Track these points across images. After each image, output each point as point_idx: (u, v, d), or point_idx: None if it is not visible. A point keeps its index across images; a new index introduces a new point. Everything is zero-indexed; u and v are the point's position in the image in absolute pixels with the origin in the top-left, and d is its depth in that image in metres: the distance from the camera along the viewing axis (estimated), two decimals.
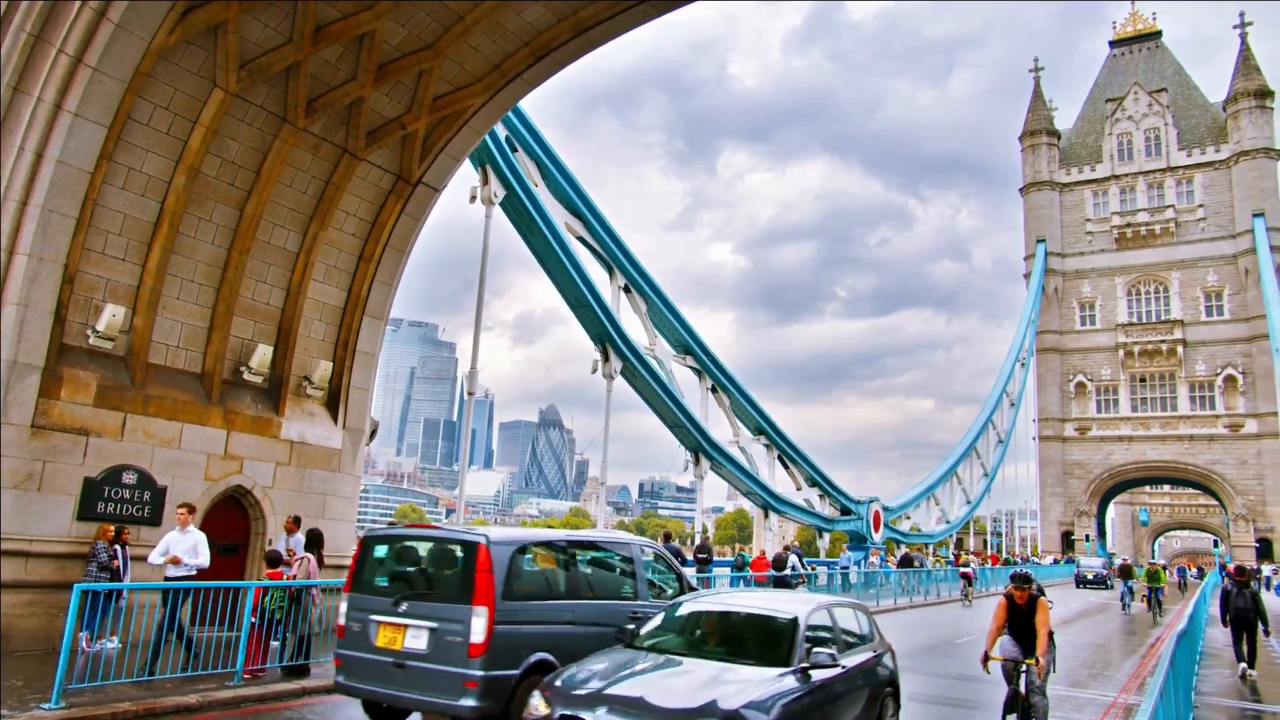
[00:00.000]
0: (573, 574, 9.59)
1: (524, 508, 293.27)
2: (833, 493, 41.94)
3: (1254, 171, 73.97)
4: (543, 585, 9.21)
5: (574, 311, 27.43)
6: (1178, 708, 8.78)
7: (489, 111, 16.49)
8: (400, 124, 15.71)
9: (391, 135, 15.72)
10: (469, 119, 16.21)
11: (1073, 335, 79.88)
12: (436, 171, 16.83)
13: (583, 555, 10.04)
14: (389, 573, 9.26)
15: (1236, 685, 15.80)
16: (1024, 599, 9.44)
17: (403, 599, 8.55)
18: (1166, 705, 7.01)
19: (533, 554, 9.24)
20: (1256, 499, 71.12)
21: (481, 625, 8.06)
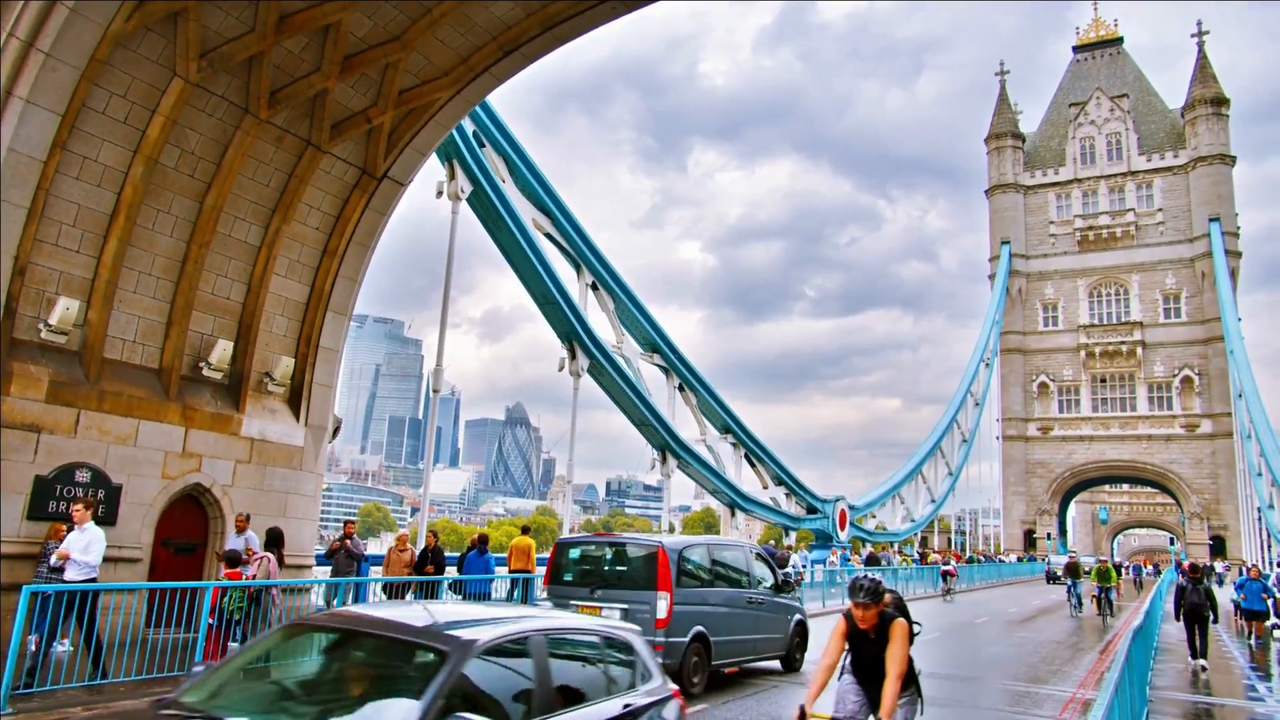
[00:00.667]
0: (713, 569, 12.85)
1: (490, 506, 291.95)
2: (799, 491, 42.19)
3: (1210, 177, 75.62)
4: (697, 577, 12.37)
5: (541, 309, 27.31)
6: (1133, 702, 8.91)
7: (456, 106, 16.32)
8: (365, 117, 15.50)
9: (356, 128, 15.50)
10: (435, 113, 16.04)
11: (1036, 336, 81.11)
12: (402, 166, 16.63)
13: (718, 555, 13.24)
14: (579, 569, 12.49)
15: (1190, 679, 16.13)
16: (870, 622, 5.92)
17: (596, 588, 11.93)
18: (1122, 700, 7.11)
19: (690, 555, 12.37)
20: (1210, 497, 72.74)
21: (664, 605, 11.40)
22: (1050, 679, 15.24)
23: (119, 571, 12.80)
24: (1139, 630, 11.11)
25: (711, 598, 12.50)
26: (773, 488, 40.84)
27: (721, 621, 12.38)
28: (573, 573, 12.48)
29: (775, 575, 14.50)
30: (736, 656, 13.05)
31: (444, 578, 15.42)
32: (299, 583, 14.06)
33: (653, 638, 10.73)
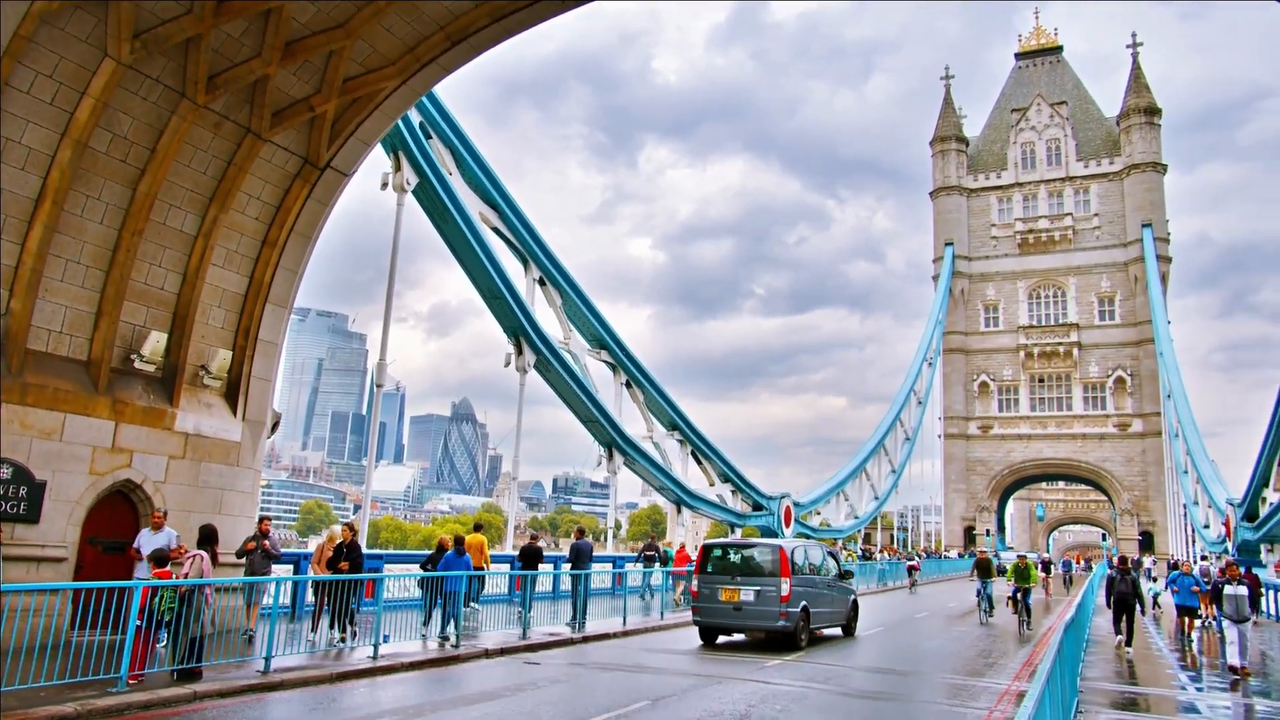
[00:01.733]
0: (807, 563, 18.43)
1: (435, 503, 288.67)
2: (745, 488, 42.48)
3: (1143, 184, 78.11)
4: (800, 570, 17.80)
5: (487, 304, 27.04)
6: (1064, 692, 9.13)
7: (402, 96, 16.05)
8: (308, 105, 15.15)
9: (298, 116, 15.14)
10: (381, 102, 15.75)
11: (977, 336, 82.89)
12: (346, 156, 16.30)
13: (810, 553, 19.12)
14: (720, 563, 18.08)
15: (1118, 670, 16.61)
16: None
17: (735, 575, 17.53)
18: (1053, 690, 7.26)
19: (795, 553, 17.89)
20: (1140, 494, 75.17)
21: (787, 586, 16.89)
22: (987, 672, 15.55)
23: (42, 572, 12.34)
24: (1070, 623, 11.40)
25: (808, 583, 18.08)
26: (719, 485, 41.05)
27: (815, 598, 18.04)
28: (714, 566, 18.12)
29: (840, 566, 20.44)
30: (823, 623, 18.85)
31: (359, 575, 14.46)
32: (235, 580, 13.71)
33: (778, 608, 16.80)
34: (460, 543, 17.11)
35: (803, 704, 11.64)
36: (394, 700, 11.25)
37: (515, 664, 14.55)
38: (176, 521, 14.08)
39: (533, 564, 20.90)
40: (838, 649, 17.58)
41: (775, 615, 16.90)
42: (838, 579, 19.69)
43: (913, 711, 12.10)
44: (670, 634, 19.58)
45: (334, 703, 10.88)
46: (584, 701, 11.56)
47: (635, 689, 12.41)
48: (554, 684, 12.79)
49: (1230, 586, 15.75)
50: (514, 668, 14.21)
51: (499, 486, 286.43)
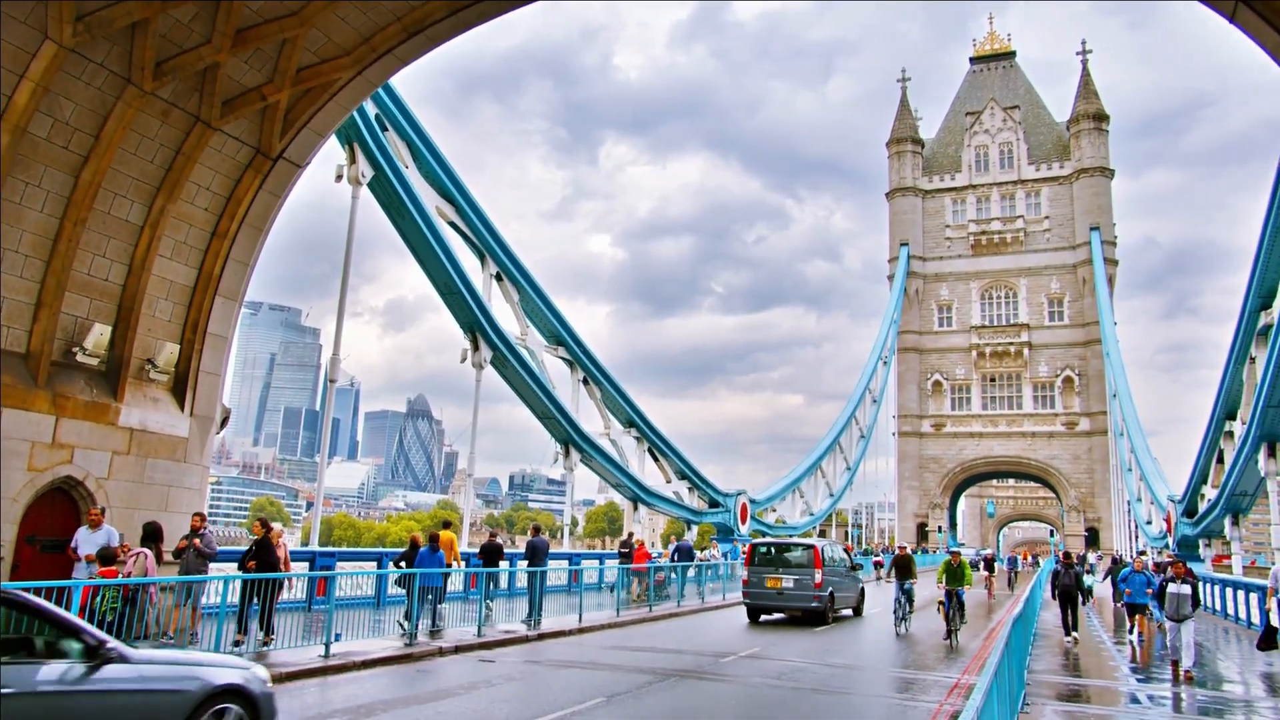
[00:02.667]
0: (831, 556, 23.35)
1: (390, 500, 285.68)
2: (701, 485, 42.65)
3: (1091, 188, 79.96)
4: (828, 561, 22.61)
5: (444, 299, 26.78)
6: (1011, 685, 9.29)
7: (358, 87, 15.79)
8: (260, 94, 14.83)
9: (250, 105, 14.82)
10: (336, 93, 15.47)
11: (931, 336, 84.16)
12: (299, 147, 16.00)
13: (832, 550, 24.17)
14: (764, 557, 22.75)
15: (1064, 663, 17.00)
16: None
17: (778, 567, 22.21)
18: (1001, 683, 7.38)
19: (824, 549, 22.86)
20: (1087, 491, 77.00)
21: (820, 575, 21.62)
22: (937, 666, 15.80)
23: None
24: (1018, 618, 11.61)
25: (832, 573, 22.74)
26: (676, 482, 41.16)
27: (837, 586, 22.98)
28: (759, 560, 22.86)
29: (851, 560, 25.75)
30: (842, 606, 23.64)
31: (272, 575, 13.53)
32: (178, 580, 13.40)
33: (813, 593, 21.65)
34: (434, 540, 17.21)
35: None
36: (345, 699, 11.08)
37: (470, 662, 14.44)
38: (121, 519, 13.72)
39: (493, 561, 20.84)
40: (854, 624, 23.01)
41: (810, 598, 21.90)
42: (850, 570, 24.94)
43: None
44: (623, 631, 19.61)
45: (283, 702, 10.69)
46: (539, 699, 11.50)
47: (592, 686, 12.38)
48: (509, 681, 12.72)
49: (1174, 585, 15.51)
50: (469, 665, 14.10)
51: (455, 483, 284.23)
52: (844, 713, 11.88)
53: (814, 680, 13.72)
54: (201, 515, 13.92)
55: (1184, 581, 15.52)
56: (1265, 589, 19.62)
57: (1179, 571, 15.79)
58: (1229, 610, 26.55)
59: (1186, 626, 15.05)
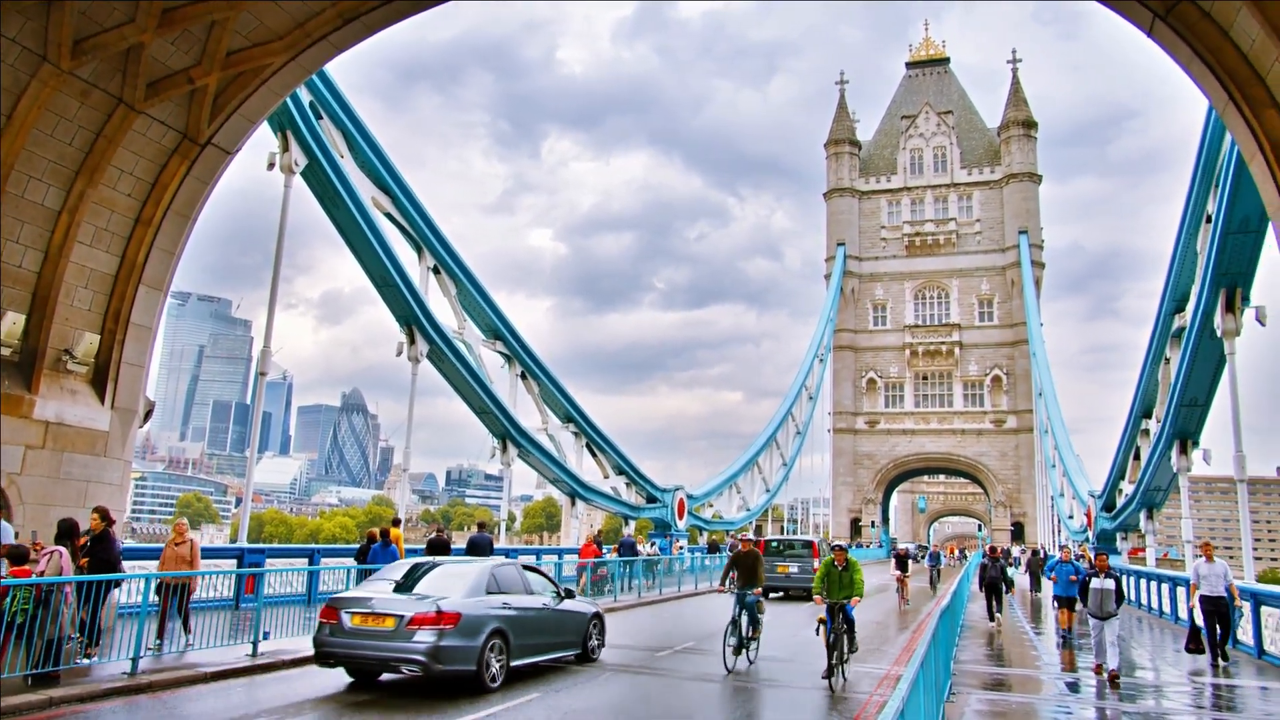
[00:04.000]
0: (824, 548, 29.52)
1: (323, 496, 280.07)
2: (639, 481, 42.75)
3: (1020, 193, 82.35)
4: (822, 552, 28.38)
5: (379, 291, 26.33)
6: (937, 675, 9.52)
7: (291, 73, 15.41)
8: (187, 77, 14.37)
9: (177, 89, 14.34)
10: (268, 79, 15.07)
11: (866, 334, 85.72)
12: (229, 133, 15.54)
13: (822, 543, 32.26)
14: (773, 549, 29.56)
15: (989, 653, 17.51)
16: None
17: (786, 558, 29.23)
18: (927, 673, 7.57)
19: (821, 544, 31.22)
20: (1013, 487, 79.35)
21: (819, 561, 22.87)
22: (868, 658, 16.10)
23: None
24: (946, 610, 11.92)
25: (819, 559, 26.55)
26: (613, 477, 41.17)
27: None
28: (771, 552, 29.02)
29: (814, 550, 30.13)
30: None
31: (111, 575, 11.76)
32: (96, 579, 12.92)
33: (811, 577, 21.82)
34: (386, 535, 17.36)
35: None
36: (273, 699, 10.85)
37: None
38: (36, 516, 13.20)
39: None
40: None
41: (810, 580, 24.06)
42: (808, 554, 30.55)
43: None
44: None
45: (207, 702, 10.41)
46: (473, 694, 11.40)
47: (527, 681, 12.31)
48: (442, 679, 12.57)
49: (1097, 580, 14.72)
50: None
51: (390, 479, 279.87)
52: None
53: None
54: (102, 511, 12.85)
55: (1107, 576, 14.73)
56: (1186, 583, 19.43)
57: (1102, 565, 14.99)
58: (1151, 604, 27.45)
59: (1111, 625, 14.27)
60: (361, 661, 11.29)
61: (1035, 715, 11.91)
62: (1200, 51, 10.49)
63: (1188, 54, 10.66)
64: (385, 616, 11.09)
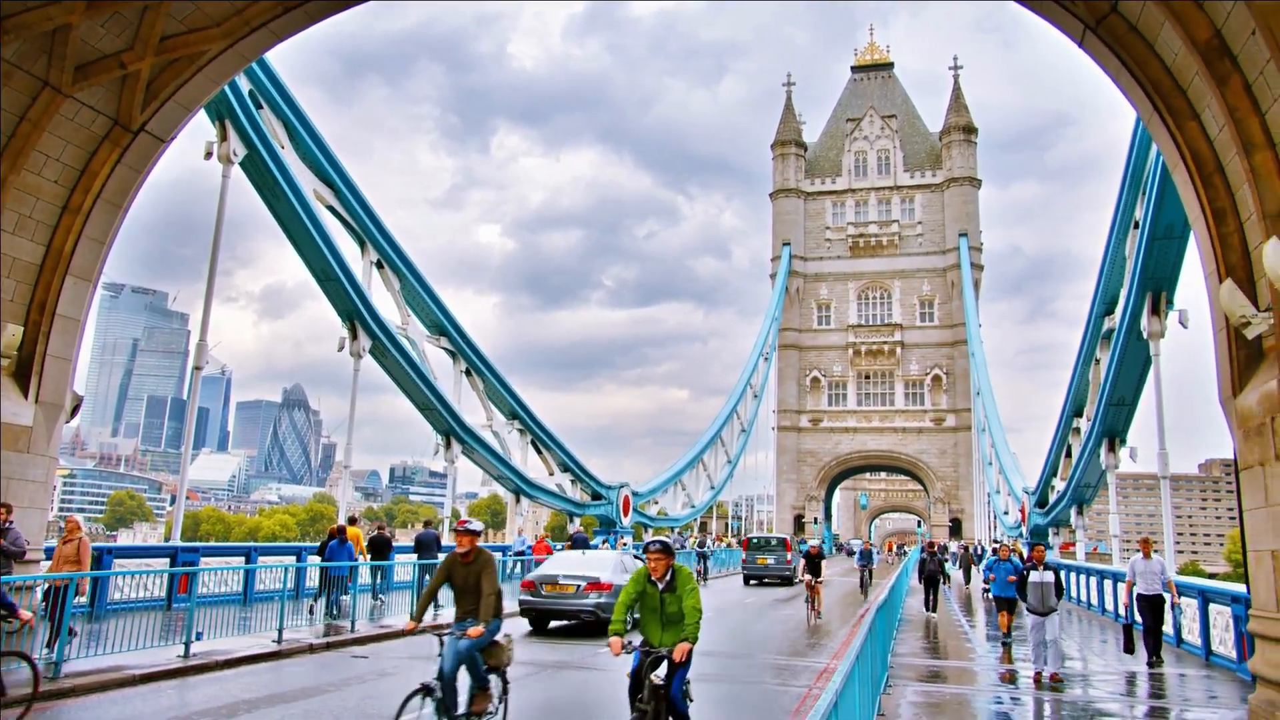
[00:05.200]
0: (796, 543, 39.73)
1: (263, 493, 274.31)
2: (584, 478, 42.72)
3: (960, 196, 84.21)
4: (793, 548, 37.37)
5: (321, 286, 25.87)
6: (873, 668, 9.71)
7: (229, 60, 15.01)
8: (119, 61, 13.90)
9: (107, 73, 13.87)
10: (204, 65, 14.66)
11: (810, 334, 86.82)
12: (163, 120, 15.08)
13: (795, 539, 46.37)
14: (756, 545, 38.28)
15: (926, 646, 17.90)
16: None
17: (764, 552, 37.11)
18: (863, 666, 7.71)
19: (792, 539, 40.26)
20: (951, 484, 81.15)
21: (791, 555, 36.26)
22: (808, 652, 16.37)
23: None
24: (883, 605, 12.15)
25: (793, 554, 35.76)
26: (559, 474, 41.07)
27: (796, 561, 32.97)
28: (752, 547, 37.95)
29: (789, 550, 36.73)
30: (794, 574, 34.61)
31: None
32: (18, 579, 12.49)
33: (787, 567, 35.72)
34: (342, 532, 17.80)
35: None
36: (205, 700, 10.62)
37: (343, 658, 14.05)
38: None
39: (382, 554, 20.80)
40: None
41: (784, 568, 36.00)
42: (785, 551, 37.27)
43: None
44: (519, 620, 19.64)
45: (136, 704, 10.15)
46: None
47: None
48: (382, 677, 12.45)
49: (1036, 574, 13.78)
50: (343, 662, 13.72)
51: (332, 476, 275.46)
52: None
53: None
54: (7, 507, 12.28)
55: (1046, 569, 13.87)
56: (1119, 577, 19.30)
57: (1039, 557, 14.12)
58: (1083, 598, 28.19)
59: (1051, 621, 13.43)
60: (554, 613, 17.97)
61: (969, 705, 12.21)
62: (1127, 63, 10.83)
63: (1116, 65, 11.01)
64: (568, 584, 17.91)
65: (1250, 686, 10.04)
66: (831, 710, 5.05)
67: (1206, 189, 10.26)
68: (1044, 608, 13.53)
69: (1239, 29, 8.78)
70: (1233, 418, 10.04)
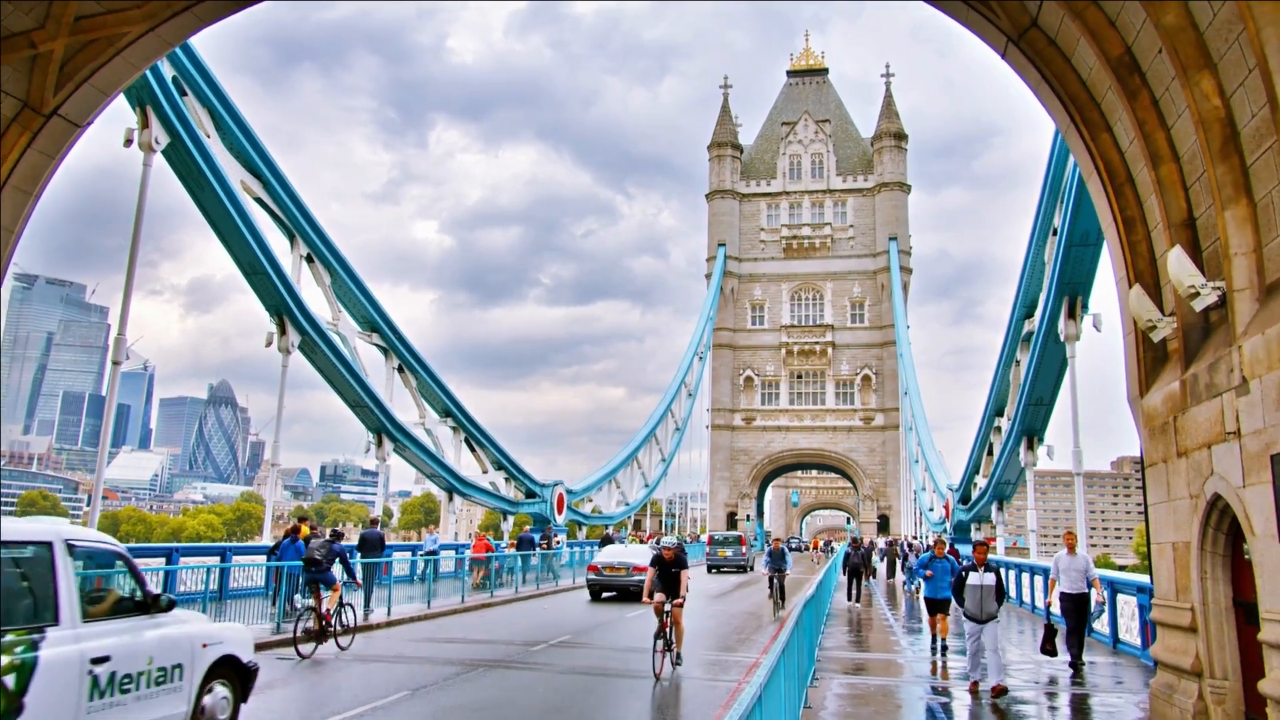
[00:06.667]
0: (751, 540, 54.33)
1: (187, 492, 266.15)
2: (518, 476, 42.49)
3: (891, 201, 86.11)
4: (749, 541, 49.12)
5: (248, 279, 25.21)
6: (799, 662, 9.90)
7: (150, 44, 14.53)
8: (29, 40, 13.34)
9: (16, 52, 13.30)
10: (123, 49, 14.15)
11: (744, 333, 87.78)
12: (78, 104, 14.52)
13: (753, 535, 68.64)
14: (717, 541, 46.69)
15: (852, 639, 18.29)
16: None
17: (725, 546, 45.34)
18: (789, 659, 7.87)
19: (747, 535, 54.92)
20: (880, 481, 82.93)
21: (746, 548, 45.63)
22: (739, 647, 16.60)
23: None
24: (810, 600, 12.39)
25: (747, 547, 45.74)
26: (492, 472, 40.76)
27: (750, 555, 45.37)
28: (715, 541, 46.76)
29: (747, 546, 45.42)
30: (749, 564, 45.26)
31: None
32: None
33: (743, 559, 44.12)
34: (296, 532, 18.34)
35: None
36: None
37: (269, 659, 13.71)
38: None
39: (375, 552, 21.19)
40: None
41: (740, 559, 43.46)
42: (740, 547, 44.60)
43: None
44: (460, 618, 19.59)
45: None
46: (342, 695, 11.13)
47: (398, 680, 12.11)
48: (318, 675, 12.22)
49: (975, 574, 12.21)
50: (269, 662, 13.39)
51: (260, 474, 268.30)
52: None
53: None
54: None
55: (987, 570, 12.28)
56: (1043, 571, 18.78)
57: (980, 557, 12.43)
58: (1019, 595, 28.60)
59: (990, 629, 11.88)
60: (612, 587, 26.19)
61: (893, 696, 12.53)
62: (1047, 76, 11.23)
63: (1036, 78, 11.41)
64: (620, 568, 26.12)
65: (1153, 672, 10.52)
66: (754, 704, 5.15)
67: (1118, 198, 10.72)
68: (983, 614, 11.98)
69: (1148, 47, 9.19)
70: (1140, 417, 10.51)
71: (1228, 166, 8.09)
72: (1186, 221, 9.36)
